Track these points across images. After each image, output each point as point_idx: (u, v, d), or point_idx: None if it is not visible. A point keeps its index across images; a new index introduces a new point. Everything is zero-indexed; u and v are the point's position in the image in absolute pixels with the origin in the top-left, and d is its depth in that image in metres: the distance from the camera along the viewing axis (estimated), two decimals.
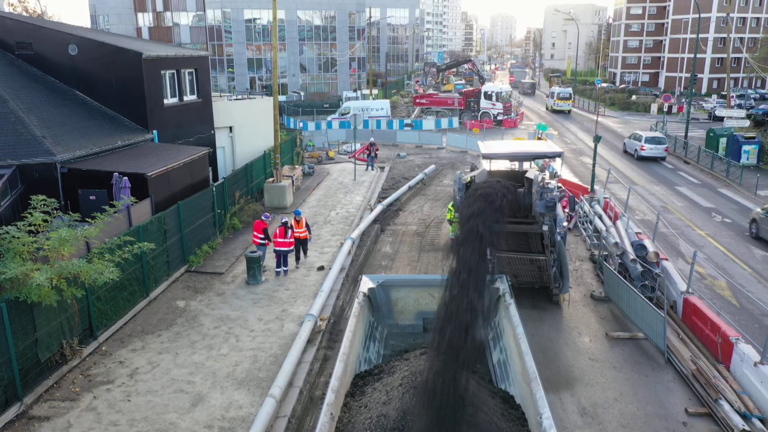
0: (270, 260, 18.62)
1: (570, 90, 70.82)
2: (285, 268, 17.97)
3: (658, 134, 40.97)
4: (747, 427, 10.69)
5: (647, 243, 17.56)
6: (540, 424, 8.41)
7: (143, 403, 11.47)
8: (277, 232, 17.61)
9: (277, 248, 17.75)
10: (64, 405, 11.38)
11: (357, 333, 11.65)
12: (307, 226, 18.57)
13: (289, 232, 17.68)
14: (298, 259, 18.68)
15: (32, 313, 11.42)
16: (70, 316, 12.56)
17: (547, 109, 68.85)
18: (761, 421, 10.93)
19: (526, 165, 17.83)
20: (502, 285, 12.72)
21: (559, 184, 16.29)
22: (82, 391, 11.85)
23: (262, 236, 18.16)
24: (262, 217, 18.65)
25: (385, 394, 10.02)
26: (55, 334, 12.18)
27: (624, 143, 35.45)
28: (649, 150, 38.11)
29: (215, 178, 25.26)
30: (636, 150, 38.83)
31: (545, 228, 14.63)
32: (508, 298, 12.33)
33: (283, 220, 17.92)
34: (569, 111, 65.68)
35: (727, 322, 13.44)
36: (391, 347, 13.21)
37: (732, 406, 11.24)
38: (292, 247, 17.90)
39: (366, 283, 13.51)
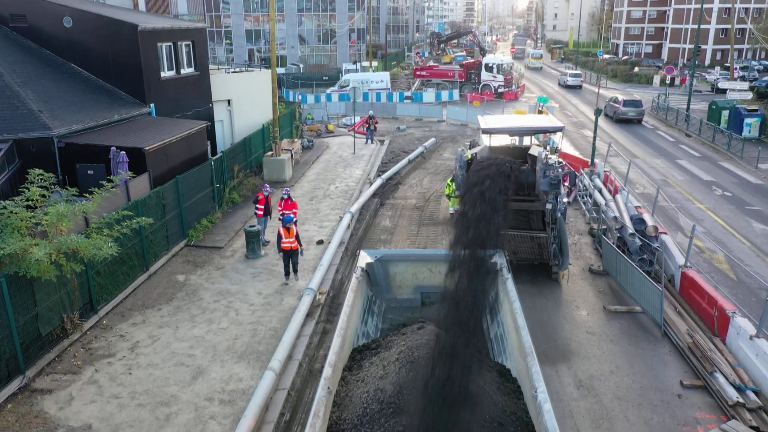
0: (269, 234, 18.64)
1: (541, 51, 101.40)
2: None
3: (577, 72, 67.03)
4: (741, 399, 10.80)
5: (646, 217, 17.54)
6: (535, 398, 8.43)
7: (144, 376, 11.60)
8: (282, 204, 17.90)
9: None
10: (66, 378, 11.51)
11: (355, 308, 11.61)
12: (297, 237, 15.62)
13: (291, 203, 17.93)
14: (288, 274, 15.81)
15: (32, 288, 11.47)
16: (70, 290, 12.62)
17: (525, 67, 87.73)
18: (755, 393, 11.04)
19: (526, 139, 17.71)
20: (500, 259, 12.67)
21: (561, 159, 16.14)
22: (83, 364, 11.97)
23: (262, 207, 18.33)
24: (263, 189, 18.73)
25: (382, 369, 10.04)
26: (55, 309, 12.25)
27: (558, 80, 55.64)
28: (571, 81, 63.18)
29: (214, 152, 25.14)
30: (564, 81, 64.50)
31: (548, 206, 14.49)
32: (505, 273, 12.29)
33: (285, 194, 18.14)
34: (541, 68, 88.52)
35: (724, 296, 13.50)
36: (390, 321, 13.22)
37: (727, 379, 11.34)
38: (295, 218, 17.83)
39: (364, 258, 13.38)
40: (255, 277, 16.15)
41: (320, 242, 18.60)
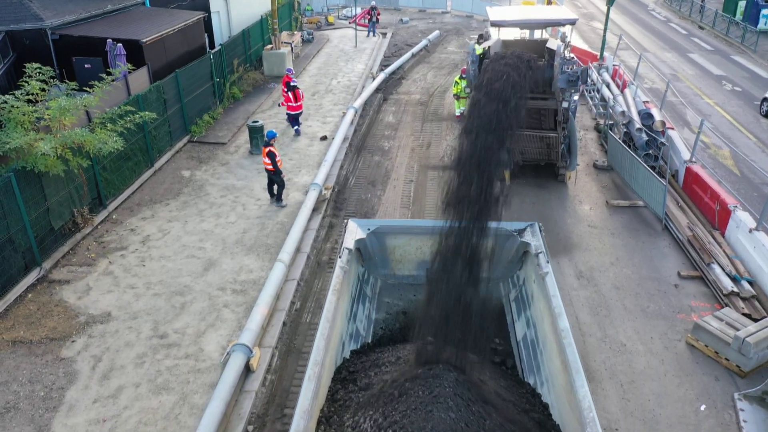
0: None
1: None
2: (297, 128, 18.92)
3: None
4: (735, 289, 11.17)
5: (654, 112, 17.30)
6: None
7: (157, 268, 11.94)
8: (291, 96, 18.40)
9: (289, 112, 18.68)
10: (82, 270, 11.86)
11: (339, 310, 8.50)
12: (271, 157, 14.07)
13: (300, 95, 18.62)
14: (272, 195, 14.72)
15: (41, 183, 11.54)
16: (78, 185, 12.70)
17: None
18: (750, 283, 11.41)
19: (536, 32, 17.05)
20: (536, 241, 9.47)
21: (572, 54, 15.47)
22: (97, 257, 12.28)
23: (287, 90, 18.71)
24: (286, 71, 19.31)
25: None
26: (65, 203, 12.40)
27: None
28: None
29: (212, 46, 24.37)
30: None
31: (564, 105, 13.80)
32: (543, 264, 8.87)
33: (293, 84, 18.54)
34: None
35: (727, 190, 13.60)
36: (386, 308, 10.35)
37: (723, 270, 11.68)
38: (301, 111, 18.83)
39: (353, 232, 9.92)
40: (260, 172, 16.17)
41: (324, 138, 18.48)
